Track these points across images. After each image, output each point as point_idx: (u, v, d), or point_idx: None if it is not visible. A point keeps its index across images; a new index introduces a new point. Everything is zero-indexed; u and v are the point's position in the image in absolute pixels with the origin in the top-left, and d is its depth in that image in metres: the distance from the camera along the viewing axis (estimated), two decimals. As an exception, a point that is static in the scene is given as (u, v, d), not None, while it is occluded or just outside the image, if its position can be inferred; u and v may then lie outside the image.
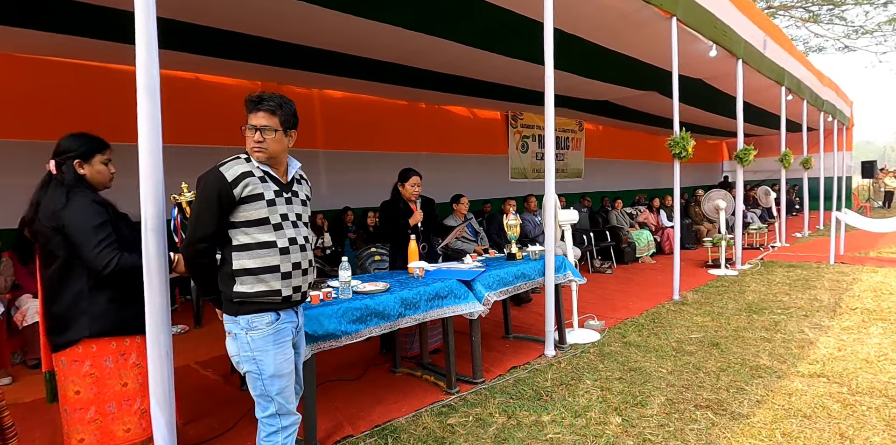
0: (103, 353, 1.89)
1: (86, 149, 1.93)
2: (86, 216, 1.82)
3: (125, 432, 1.92)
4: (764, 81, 7.61)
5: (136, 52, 1.75)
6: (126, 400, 1.92)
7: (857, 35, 20.03)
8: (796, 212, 13.83)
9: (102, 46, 4.25)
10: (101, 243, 1.81)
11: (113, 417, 1.90)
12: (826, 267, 6.43)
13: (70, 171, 1.91)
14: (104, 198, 1.96)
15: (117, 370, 1.91)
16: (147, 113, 1.76)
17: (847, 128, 14.58)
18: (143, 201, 1.77)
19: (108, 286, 1.87)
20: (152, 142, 1.76)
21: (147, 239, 1.77)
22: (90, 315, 1.85)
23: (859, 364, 3.13)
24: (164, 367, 1.79)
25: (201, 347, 3.81)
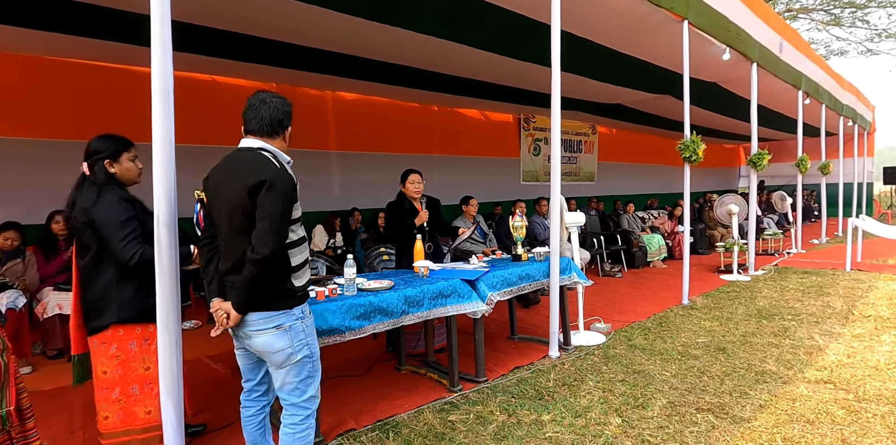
0: (129, 338, 2.05)
1: (114, 149, 2.08)
2: (113, 212, 1.97)
3: (146, 413, 2.06)
4: (780, 85, 7.53)
5: (152, 55, 1.83)
6: (148, 384, 2.06)
7: (880, 38, 19.64)
8: (815, 219, 13.59)
9: (120, 48, 4.39)
10: (127, 237, 1.96)
11: (135, 399, 2.06)
12: (842, 274, 6.33)
13: (101, 171, 2.06)
14: (132, 196, 2.11)
15: (141, 354, 2.06)
16: (161, 113, 1.83)
17: (868, 133, 14.29)
18: (155, 198, 1.84)
19: (135, 276, 2.01)
20: (165, 142, 1.83)
21: (159, 234, 1.84)
22: (118, 302, 2.02)
23: (868, 371, 3.09)
24: (174, 356, 1.87)
25: (213, 342, 3.88)
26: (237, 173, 1.70)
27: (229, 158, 1.80)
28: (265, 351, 1.75)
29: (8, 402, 1.81)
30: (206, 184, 1.83)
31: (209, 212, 1.85)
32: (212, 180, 1.81)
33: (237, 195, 1.66)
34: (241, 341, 1.82)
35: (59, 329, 3.70)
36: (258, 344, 1.74)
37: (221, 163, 1.81)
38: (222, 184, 1.74)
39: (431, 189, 3.74)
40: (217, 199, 1.77)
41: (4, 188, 4.61)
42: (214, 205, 1.80)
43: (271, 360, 1.77)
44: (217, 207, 1.77)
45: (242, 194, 1.65)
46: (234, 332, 1.82)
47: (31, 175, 4.72)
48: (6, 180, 4.62)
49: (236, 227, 1.69)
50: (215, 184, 1.78)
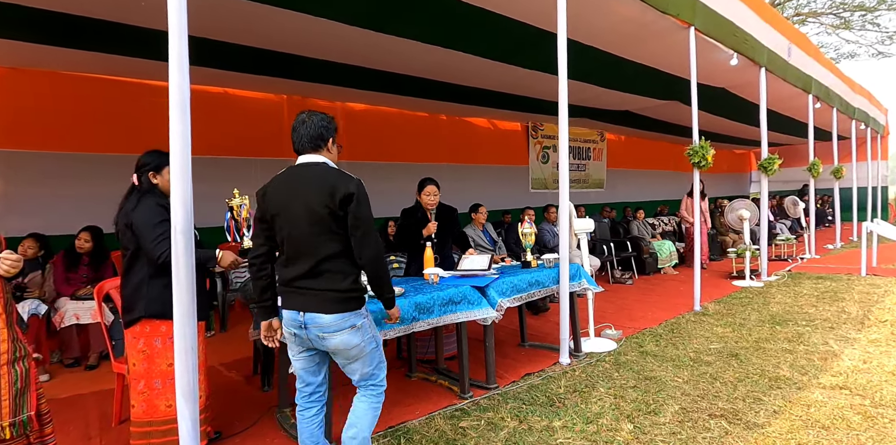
0: (154, 334, 2.19)
1: (158, 163, 2.27)
2: (149, 215, 2.14)
3: (167, 407, 2.19)
4: (790, 89, 7.50)
5: (169, 69, 1.89)
6: (170, 379, 2.13)
7: (891, 40, 19.50)
8: (829, 223, 13.41)
9: (135, 63, 4.52)
10: (158, 237, 2.11)
11: (158, 392, 2.19)
12: (857, 279, 6.24)
13: (145, 181, 2.28)
14: (166, 202, 2.18)
15: (164, 350, 2.18)
16: (178, 126, 1.88)
17: (882, 136, 14.13)
18: (173, 205, 1.90)
19: (165, 275, 2.07)
20: (182, 153, 1.89)
21: (176, 241, 1.89)
22: (147, 298, 2.17)
23: (885, 376, 3.05)
24: (190, 361, 1.90)
25: (226, 350, 3.95)
26: (317, 186, 1.85)
27: (296, 173, 1.93)
28: (342, 349, 1.90)
29: (29, 407, 1.86)
30: (267, 197, 1.92)
31: (268, 225, 1.93)
32: (278, 193, 1.91)
33: (322, 206, 1.82)
34: (309, 343, 1.93)
35: (75, 338, 3.78)
36: (336, 343, 1.88)
37: (288, 178, 1.93)
38: (298, 197, 1.86)
39: (441, 197, 3.77)
40: (289, 211, 1.87)
41: (28, 199, 4.74)
42: (284, 217, 1.88)
43: (347, 356, 1.93)
44: (290, 219, 1.88)
45: (330, 205, 1.82)
46: (298, 337, 1.92)
47: (53, 187, 4.86)
48: (30, 191, 4.76)
49: (320, 234, 1.85)
50: (285, 198, 1.89)
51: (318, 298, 1.86)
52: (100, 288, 2.81)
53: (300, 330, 1.89)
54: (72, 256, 4.02)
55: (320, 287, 1.86)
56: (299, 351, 1.97)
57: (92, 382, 3.40)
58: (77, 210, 4.75)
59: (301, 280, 1.86)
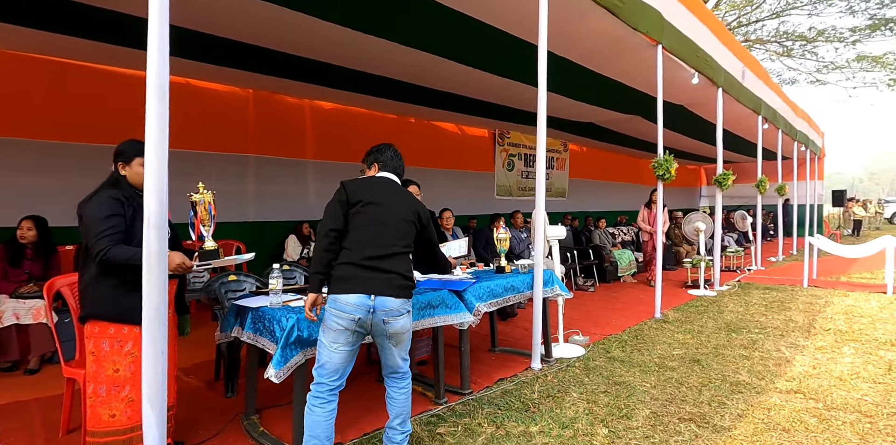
0: (102, 336, 2.02)
1: (130, 154, 2.12)
2: (98, 208, 1.98)
3: (110, 417, 2.00)
4: (742, 110, 7.93)
5: (148, 57, 1.77)
6: (115, 386, 2.00)
7: (827, 70, 21.02)
8: (771, 237, 14.23)
9: (103, 49, 4.27)
10: (102, 233, 1.94)
11: (101, 400, 2.00)
12: (800, 290, 6.63)
13: (113, 171, 2.14)
14: (130, 196, 2.08)
15: (112, 354, 2.01)
16: (155, 115, 1.78)
17: (819, 158, 15.17)
18: (147, 198, 1.78)
19: (114, 274, 1.99)
20: (159, 144, 1.77)
21: (149, 236, 1.77)
22: (92, 298, 2.01)
23: (833, 381, 3.23)
24: (159, 366, 1.78)
25: (183, 354, 3.73)
26: (408, 200, 2.23)
27: (392, 184, 2.27)
28: (400, 332, 2.10)
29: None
30: (358, 189, 2.14)
31: (354, 208, 2.10)
32: (374, 189, 2.18)
33: (410, 216, 2.20)
34: (365, 329, 2.04)
35: (15, 339, 3.48)
36: (399, 326, 2.08)
37: (383, 183, 2.24)
38: (395, 198, 2.20)
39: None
40: (386, 204, 2.14)
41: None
42: (380, 207, 2.13)
43: (400, 339, 2.13)
44: (385, 210, 2.13)
45: (413, 217, 2.22)
46: (360, 322, 2.00)
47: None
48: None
49: (403, 231, 2.16)
50: (382, 194, 2.18)
51: (392, 283, 2.04)
52: (50, 284, 2.59)
53: (366, 314, 1.99)
54: (13, 249, 3.72)
55: (397, 271, 2.06)
56: (348, 341, 2.02)
57: (34, 388, 3.14)
58: (19, 201, 4.41)
59: (378, 260, 2.03)
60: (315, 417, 2.00)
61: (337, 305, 2.00)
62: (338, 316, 1.99)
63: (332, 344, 2.01)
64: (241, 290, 3.40)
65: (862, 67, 20.06)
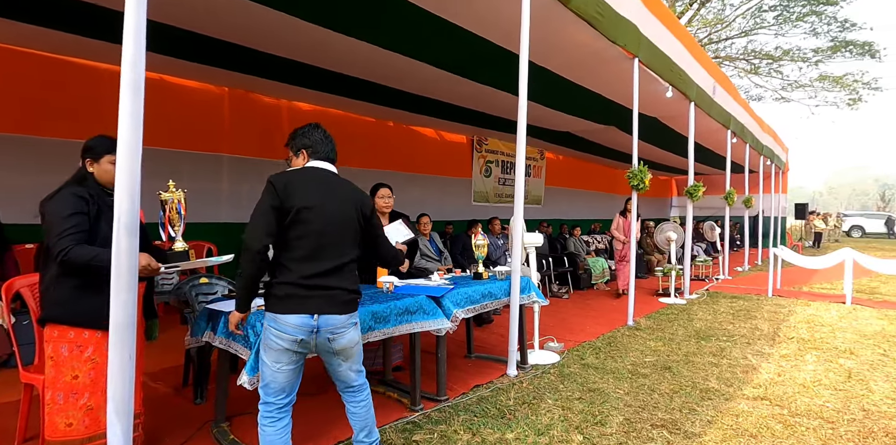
0: (62, 340, 1.92)
1: (100, 150, 2.02)
2: (60, 206, 1.88)
3: (66, 426, 1.90)
4: (713, 124, 8.19)
5: (123, 51, 1.72)
6: (73, 393, 1.90)
7: (791, 88, 21.92)
8: (738, 248, 14.67)
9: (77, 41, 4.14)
10: (63, 232, 1.85)
11: (58, 408, 1.90)
12: (765, 300, 6.85)
13: (80, 168, 2.05)
14: (95, 194, 1.98)
15: (71, 360, 1.92)
16: (129, 111, 1.72)
17: (783, 172, 15.77)
18: (117, 197, 1.71)
19: (74, 275, 1.90)
20: (132, 141, 1.72)
21: (118, 236, 1.70)
22: (53, 299, 1.92)
23: (797, 388, 3.34)
24: (127, 372, 1.71)
25: (151, 359, 3.59)
26: (348, 196, 2.00)
27: (326, 177, 1.99)
28: (348, 347, 1.97)
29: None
30: (292, 189, 1.87)
31: (288, 216, 1.85)
32: (310, 189, 1.90)
33: (352, 215, 1.99)
34: (310, 349, 1.90)
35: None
36: (345, 341, 1.95)
37: (319, 178, 1.96)
38: (334, 199, 1.95)
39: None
40: (324, 209, 1.90)
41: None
42: (318, 213, 1.88)
43: (348, 353, 1.99)
44: (324, 216, 1.90)
45: (358, 216, 2.01)
46: (303, 343, 1.86)
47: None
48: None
49: (343, 237, 1.95)
50: (319, 195, 1.90)
51: (336, 299, 1.90)
52: (9, 285, 2.47)
53: (309, 334, 1.85)
54: None
55: (342, 286, 1.91)
56: (291, 360, 1.89)
57: (-13, 394, 2.98)
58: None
59: (323, 277, 1.87)
60: (269, 436, 1.91)
61: (277, 325, 1.85)
62: (278, 336, 1.85)
63: (274, 363, 1.88)
64: (213, 293, 3.32)
65: (823, 87, 20.99)
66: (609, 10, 4.39)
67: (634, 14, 4.86)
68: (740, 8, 20.40)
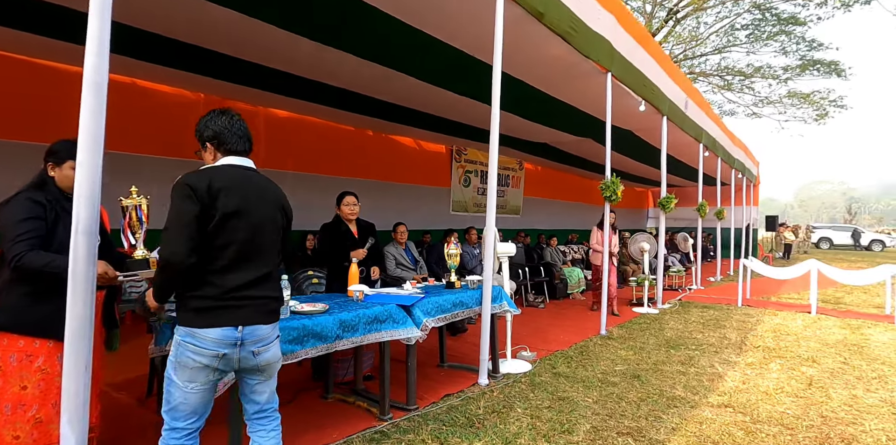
0: (10, 349, 1.86)
1: (63, 155, 1.98)
2: (15, 211, 1.85)
3: (13, 438, 1.83)
4: (685, 138, 8.41)
5: (86, 53, 1.71)
6: (22, 405, 1.84)
7: (762, 104, 22.65)
8: (711, 259, 14.98)
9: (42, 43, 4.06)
10: (18, 237, 1.81)
11: (6, 419, 1.83)
12: (734, 309, 7.01)
13: (40, 172, 2.01)
14: (54, 198, 1.96)
15: (20, 370, 1.85)
16: (90, 114, 1.70)
17: (754, 185, 16.22)
18: (76, 202, 1.69)
19: (27, 282, 1.85)
20: (93, 144, 1.70)
21: (76, 242, 1.68)
22: (2, 307, 1.86)
23: (760, 396, 3.42)
24: (81, 383, 1.67)
25: (114, 369, 3.51)
26: (271, 197, 1.84)
27: (247, 176, 1.79)
28: (272, 362, 1.82)
29: None
30: (215, 192, 1.67)
31: (213, 223, 1.66)
32: (234, 192, 1.70)
33: (277, 216, 1.84)
34: (231, 365, 1.72)
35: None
36: (270, 355, 1.79)
37: (242, 178, 1.76)
38: (259, 202, 1.77)
39: (362, 213, 3.73)
40: (251, 214, 1.73)
41: None
42: (244, 220, 1.71)
43: (271, 371, 1.84)
44: (251, 222, 1.73)
45: (282, 219, 1.87)
46: (225, 359, 1.69)
47: None
48: None
49: (272, 243, 1.82)
50: (243, 199, 1.72)
51: (263, 308, 1.76)
52: (-36, 293, 2.40)
53: (232, 348, 1.68)
54: None
55: (268, 295, 1.78)
56: (207, 380, 1.70)
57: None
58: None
59: (250, 288, 1.71)
60: None
61: (195, 340, 1.65)
62: (197, 352, 1.65)
63: (187, 383, 1.67)
64: (181, 302, 3.25)
65: (792, 103, 21.75)
66: (583, 26, 4.51)
67: (608, 30, 5.00)
68: (714, 26, 21.12)
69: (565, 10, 4.20)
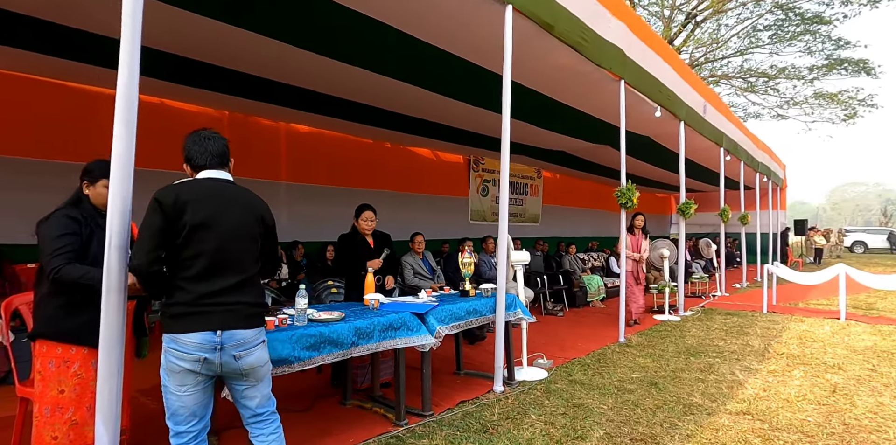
0: (49, 355, 2.02)
1: (97, 173, 2.14)
2: (53, 227, 2.00)
3: (52, 439, 1.98)
4: (705, 142, 8.33)
5: (119, 76, 1.86)
6: (59, 407, 1.99)
7: (788, 105, 22.16)
8: (737, 265, 14.65)
9: (77, 68, 4.33)
10: (55, 252, 1.96)
11: (45, 421, 1.99)
12: (759, 316, 6.86)
13: (76, 190, 2.17)
14: (89, 215, 2.11)
15: (58, 375, 2.01)
16: (122, 136, 1.85)
17: (781, 188, 15.85)
18: (110, 218, 1.83)
19: (63, 293, 2.01)
20: (124, 162, 1.85)
21: (110, 256, 1.82)
22: (42, 316, 2.03)
23: (781, 403, 3.37)
24: (115, 385, 1.81)
25: (144, 376, 3.67)
26: (245, 206, 1.91)
27: (217, 187, 1.89)
28: (256, 366, 1.86)
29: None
30: (182, 205, 1.76)
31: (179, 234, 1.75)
32: (203, 205, 1.79)
33: (252, 226, 1.90)
34: (215, 370, 1.79)
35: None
36: (253, 360, 1.84)
37: (210, 191, 1.86)
38: (229, 212, 1.85)
39: (381, 224, 3.84)
40: (220, 225, 1.81)
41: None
42: (213, 230, 1.79)
43: (257, 375, 1.89)
44: (220, 232, 1.81)
45: (258, 227, 1.92)
46: (207, 363, 1.77)
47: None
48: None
49: (249, 251, 1.89)
50: (212, 210, 1.80)
51: (240, 313, 1.81)
52: (8, 303, 2.58)
53: (213, 353, 1.75)
54: None
55: (244, 300, 1.83)
56: (196, 382, 1.78)
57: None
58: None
59: (223, 295, 1.78)
60: None
61: (177, 345, 1.74)
62: (179, 358, 1.74)
63: (178, 387, 1.77)
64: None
65: (819, 104, 21.22)
66: (593, 35, 4.57)
67: (620, 38, 5.04)
68: (735, 28, 20.82)
69: (575, 20, 4.27)
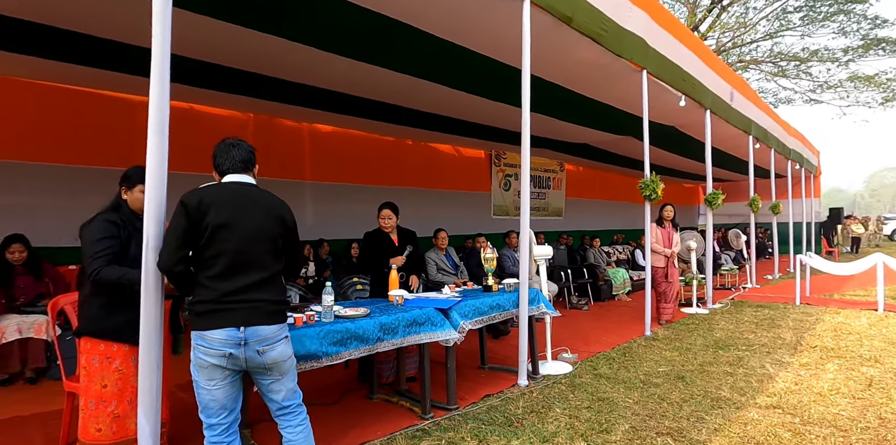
0: (93, 352, 2.15)
1: (134, 179, 2.25)
2: (94, 231, 2.13)
3: (96, 431, 2.11)
4: (732, 130, 8.12)
5: (151, 85, 1.96)
6: (102, 401, 2.12)
7: (821, 89, 21.33)
8: (769, 255, 14.26)
9: (108, 76, 4.50)
10: (96, 254, 2.09)
11: (90, 413, 2.12)
12: (792, 308, 6.69)
13: (116, 195, 2.30)
14: (127, 219, 2.23)
15: (101, 370, 2.14)
16: (156, 141, 1.94)
17: (815, 176, 15.31)
18: (146, 221, 1.93)
19: (104, 294, 2.14)
20: (158, 167, 1.95)
21: (147, 257, 1.92)
22: (84, 315, 2.18)
23: (813, 397, 3.30)
24: (154, 379, 1.91)
25: (180, 371, 3.82)
26: (266, 207, 1.98)
27: (239, 191, 1.97)
28: (279, 361, 1.93)
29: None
30: (206, 207, 1.85)
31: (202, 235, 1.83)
32: (224, 207, 1.88)
33: (272, 226, 1.96)
34: (240, 364, 1.86)
35: (17, 353, 3.62)
36: (276, 354, 1.91)
37: (232, 193, 1.94)
38: (250, 214, 1.92)
39: (404, 221, 3.89)
40: (240, 226, 1.88)
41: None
42: (233, 231, 1.86)
43: (281, 369, 1.95)
44: (240, 233, 1.88)
45: (279, 228, 1.99)
46: (232, 358, 1.84)
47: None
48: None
49: (271, 251, 1.96)
50: (233, 212, 1.88)
51: (261, 310, 1.88)
52: (54, 302, 2.73)
53: (237, 348, 1.83)
54: (2, 269, 3.87)
55: (266, 298, 1.90)
56: (224, 376, 1.86)
57: (34, 403, 3.24)
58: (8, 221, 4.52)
59: (245, 293, 1.86)
60: None
61: (204, 342, 1.83)
62: (206, 353, 1.83)
63: (208, 382, 1.85)
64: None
65: (855, 86, 20.36)
66: (613, 26, 4.50)
67: (641, 27, 4.95)
68: (764, 10, 20.11)
69: (594, 11, 4.21)
